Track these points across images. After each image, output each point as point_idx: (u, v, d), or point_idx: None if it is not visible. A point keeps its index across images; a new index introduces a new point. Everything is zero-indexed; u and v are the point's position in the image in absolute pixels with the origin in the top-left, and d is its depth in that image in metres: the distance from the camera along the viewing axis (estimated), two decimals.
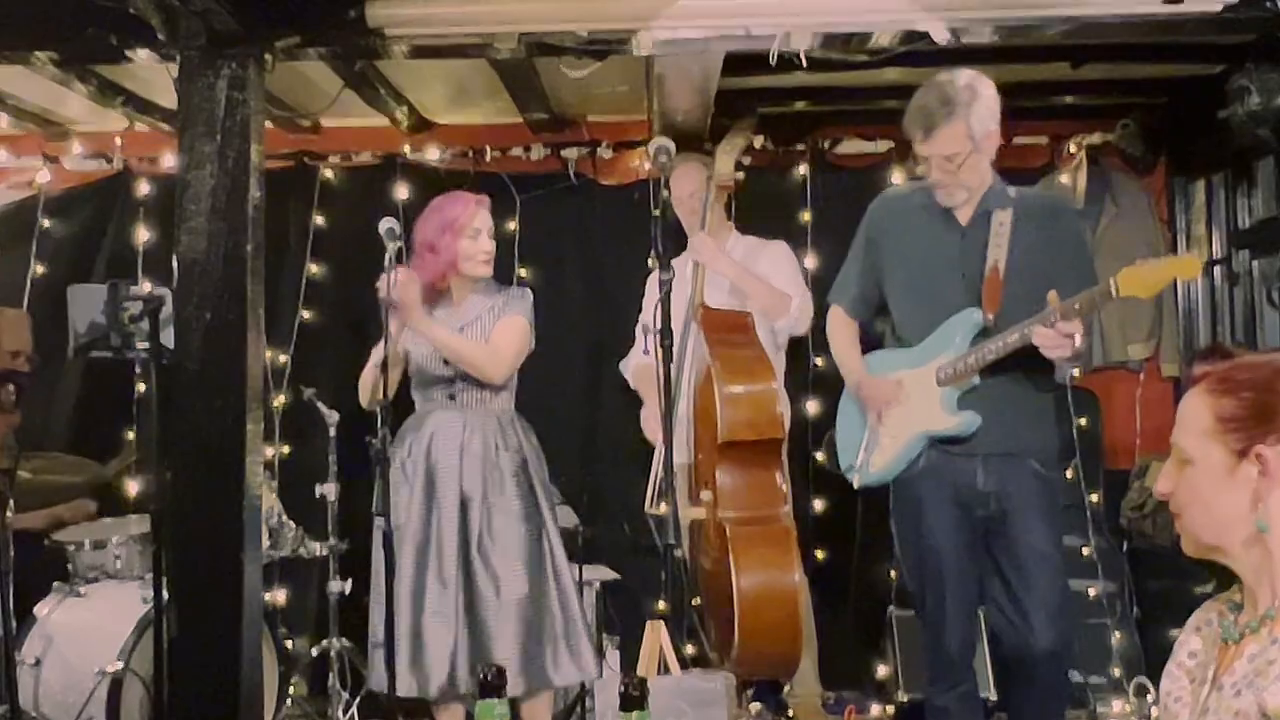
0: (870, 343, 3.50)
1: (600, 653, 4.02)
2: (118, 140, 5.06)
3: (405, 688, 3.43)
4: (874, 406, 3.35)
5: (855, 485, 3.47)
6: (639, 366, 4.38)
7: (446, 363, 3.61)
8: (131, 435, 4.89)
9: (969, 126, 3.09)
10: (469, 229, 3.61)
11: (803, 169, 4.94)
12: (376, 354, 3.57)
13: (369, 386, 3.64)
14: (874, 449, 3.36)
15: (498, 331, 3.63)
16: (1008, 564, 3.18)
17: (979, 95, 3.11)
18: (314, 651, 4.29)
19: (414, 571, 3.52)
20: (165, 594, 3.25)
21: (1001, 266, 3.14)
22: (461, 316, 3.65)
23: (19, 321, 3.91)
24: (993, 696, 3.97)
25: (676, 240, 4.14)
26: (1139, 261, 2.95)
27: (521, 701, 3.57)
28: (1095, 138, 4.86)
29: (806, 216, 4.89)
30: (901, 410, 3.29)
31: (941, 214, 3.25)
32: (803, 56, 3.47)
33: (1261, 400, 1.62)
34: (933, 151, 3.14)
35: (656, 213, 3.27)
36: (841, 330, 3.51)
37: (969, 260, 3.20)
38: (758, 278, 4.11)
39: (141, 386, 4.85)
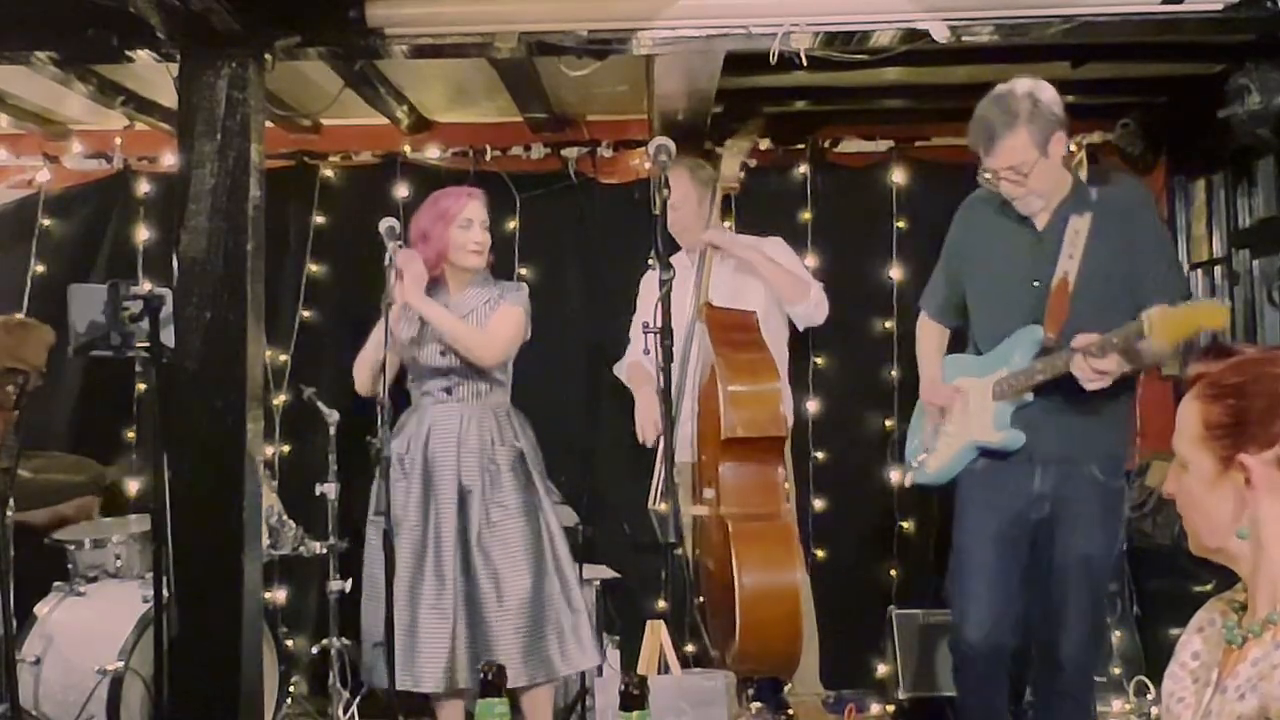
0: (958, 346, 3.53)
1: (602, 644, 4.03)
2: (118, 140, 5.06)
3: (400, 683, 3.45)
4: (931, 411, 3.41)
5: (907, 483, 3.54)
6: (631, 364, 4.38)
7: (443, 354, 3.65)
8: (132, 435, 4.90)
9: (1031, 135, 3.05)
10: (459, 219, 3.66)
11: (803, 168, 4.93)
12: (374, 335, 3.61)
13: (366, 367, 3.66)
14: (931, 451, 3.42)
15: (493, 319, 3.67)
16: (1050, 565, 3.20)
17: (1039, 102, 3.07)
18: (314, 650, 4.29)
19: (411, 566, 3.54)
20: (165, 593, 3.25)
21: (1071, 279, 3.09)
22: (458, 308, 3.68)
23: (44, 337, 3.91)
24: None
25: (672, 240, 4.14)
26: (1173, 307, 2.88)
27: (523, 693, 3.58)
28: (1095, 137, 4.85)
29: (806, 216, 4.89)
30: (960, 417, 3.32)
31: (1019, 220, 3.21)
32: (803, 56, 3.46)
33: (1246, 408, 1.62)
34: (998, 164, 3.09)
35: (656, 211, 3.27)
36: (927, 334, 3.54)
37: (1042, 268, 3.16)
38: (776, 262, 4.10)
39: (141, 386, 4.85)
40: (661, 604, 3.31)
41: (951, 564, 3.39)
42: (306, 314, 4.97)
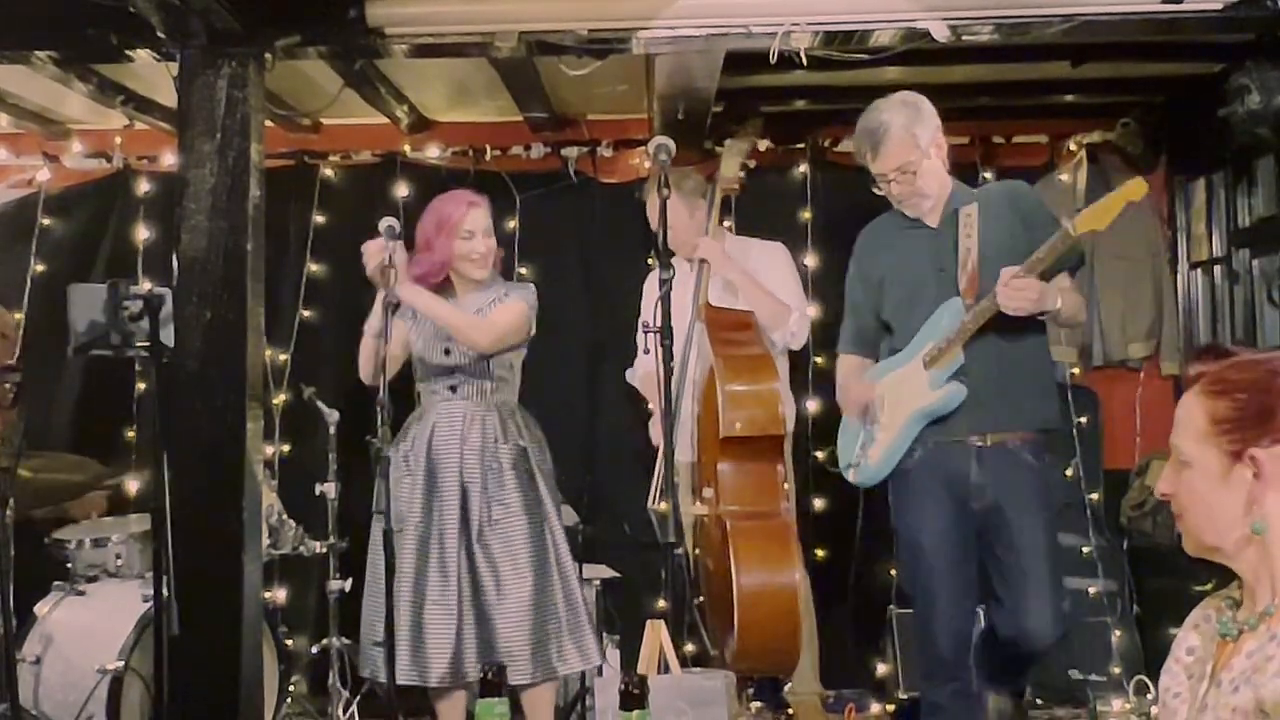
0: None
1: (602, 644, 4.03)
2: (118, 139, 5.06)
3: (405, 677, 3.46)
4: (852, 409, 3.46)
5: (852, 480, 3.52)
6: (646, 374, 4.37)
7: (447, 354, 3.65)
8: (132, 435, 4.90)
9: (913, 135, 3.24)
10: (461, 229, 3.64)
11: (803, 168, 4.94)
12: (370, 324, 3.60)
13: (368, 355, 3.65)
14: (869, 444, 3.42)
15: (495, 310, 3.67)
16: (1002, 555, 3.22)
17: (917, 107, 3.28)
18: (314, 650, 4.29)
19: (415, 562, 3.54)
20: (165, 593, 3.25)
21: (974, 254, 3.22)
22: (464, 310, 3.67)
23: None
24: None
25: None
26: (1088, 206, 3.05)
27: (524, 691, 3.58)
28: (1095, 136, 4.86)
29: (806, 215, 4.89)
30: (892, 403, 3.35)
31: (912, 225, 3.36)
32: (803, 55, 3.47)
33: (1255, 402, 1.63)
34: (887, 166, 3.26)
35: (655, 220, 3.27)
36: (847, 365, 3.57)
37: (943, 257, 3.29)
38: (762, 288, 4.09)
39: (141, 385, 4.85)
40: (661, 604, 3.31)
41: (905, 564, 3.41)
42: (306, 314, 4.98)
